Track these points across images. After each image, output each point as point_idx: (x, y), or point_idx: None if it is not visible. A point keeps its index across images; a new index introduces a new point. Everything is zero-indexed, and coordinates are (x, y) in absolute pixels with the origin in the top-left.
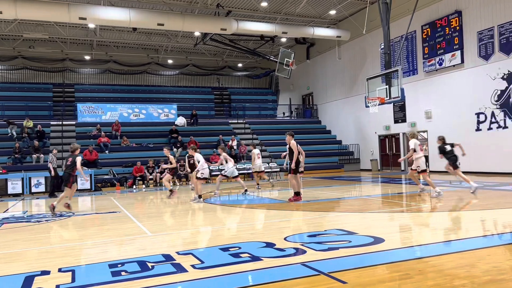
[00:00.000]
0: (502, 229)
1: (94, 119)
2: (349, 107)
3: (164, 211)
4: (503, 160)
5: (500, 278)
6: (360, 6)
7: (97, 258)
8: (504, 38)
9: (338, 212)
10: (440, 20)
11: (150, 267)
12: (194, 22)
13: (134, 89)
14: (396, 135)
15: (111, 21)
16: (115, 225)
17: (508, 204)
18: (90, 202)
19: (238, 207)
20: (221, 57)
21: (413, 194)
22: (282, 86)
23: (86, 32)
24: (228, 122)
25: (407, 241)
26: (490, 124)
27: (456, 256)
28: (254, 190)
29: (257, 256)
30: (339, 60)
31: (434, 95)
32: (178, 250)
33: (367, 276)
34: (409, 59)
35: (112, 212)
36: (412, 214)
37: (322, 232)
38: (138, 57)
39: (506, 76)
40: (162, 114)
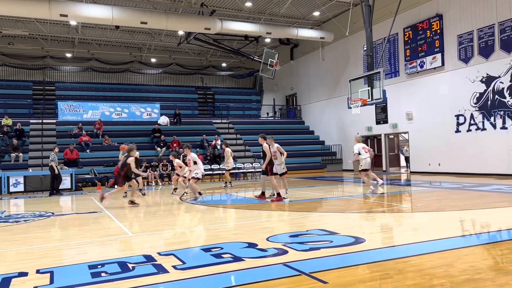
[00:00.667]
0: (480, 229)
1: (75, 118)
2: (332, 108)
3: (145, 211)
4: (481, 161)
5: (477, 277)
6: (344, 8)
7: (76, 259)
8: (483, 42)
9: (320, 212)
10: (422, 23)
11: (131, 268)
12: (178, 21)
13: (117, 88)
14: (378, 136)
15: (93, 19)
16: (95, 226)
17: (485, 204)
18: (70, 202)
19: (221, 207)
20: (205, 57)
21: (394, 195)
22: (266, 86)
23: (67, 29)
24: (211, 122)
25: (387, 241)
26: (469, 126)
27: (435, 256)
28: (238, 190)
29: (239, 257)
30: (323, 61)
31: (415, 97)
32: (159, 250)
33: (347, 276)
34: (391, 61)
35: (92, 212)
36: (392, 214)
37: (304, 232)
38: (121, 55)
39: (485, 79)
40: (145, 113)
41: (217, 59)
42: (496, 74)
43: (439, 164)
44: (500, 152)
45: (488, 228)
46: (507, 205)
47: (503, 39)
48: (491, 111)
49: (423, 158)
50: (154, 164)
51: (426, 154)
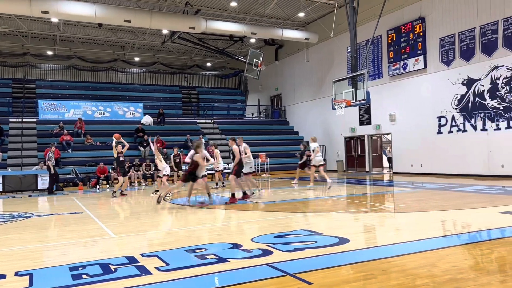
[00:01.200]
0: (461, 229)
1: (56, 117)
2: (317, 108)
3: (128, 212)
4: (462, 162)
5: (459, 277)
6: (328, 9)
7: (57, 261)
8: (464, 45)
9: (304, 212)
10: (405, 25)
11: (113, 269)
12: (162, 20)
13: (99, 87)
14: (361, 137)
15: (75, 16)
16: (77, 226)
17: (466, 205)
18: (51, 203)
19: (205, 208)
20: (189, 56)
21: (377, 195)
22: (251, 86)
23: (48, 27)
24: (196, 122)
25: (371, 241)
26: (450, 128)
27: (418, 256)
28: (222, 190)
29: (224, 258)
30: (307, 62)
31: (398, 98)
32: (142, 252)
33: (332, 277)
34: (374, 63)
35: (74, 212)
36: (376, 215)
37: (289, 233)
38: (104, 53)
39: (466, 81)
40: (128, 113)
41: (202, 58)
42: (477, 76)
43: (421, 165)
44: (480, 153)
45: (469, 228)
46: (487, 205)
47: (484, 42)
48: (472, 113)
49: (405, 159)
50: (136, 164)
51: (408, 155)
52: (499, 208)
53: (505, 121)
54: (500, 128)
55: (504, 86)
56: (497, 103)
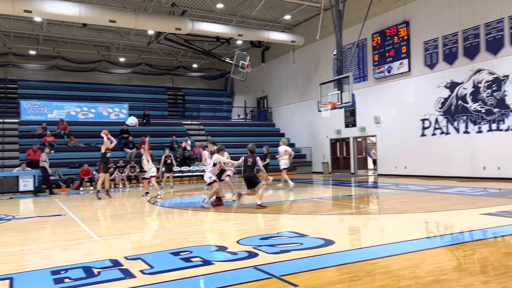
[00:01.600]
0: (444, 230)
1: (39, 118)
2: (303, 110)
3: (112, 214)
4: (445, 164)
5: (443, 278)
6: (314, 12)
7: (38, 265)
8: (447, 49)
9: (290, 214)
10: (389, 29)
11: (96, 273)
12: (148, 21)
13: (83, 87)
14: (346, 139)
15: (59, 16)
16: (59, 229)
17: (449, 206)
18: (33, 205)
19: (190, 210)
20: (175, 57)
21: (362, 197)
22: (237, 88)
23: (32, 26)
24: (181, 123)
25: (356, 243)
26: (434, 130)
27: (403, 258)
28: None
29: (209, 260)
30: (294, 64)
31: (383, 101)
32: (126, 255)
33: (318, 278)
34: (360, 65)
35: (56, 215)
36: (361, 216)
37: (275, 235)
38: (88, 54)
39: (449, 85)
40: (113, 114)
41: (188, 59)
42: (460, 80)
43: (406, 167)
44: (463, 155)
45: (452, 229)
46: (469, 207)
47: (466, 46)
48: (455, 116)
49: (390, 161)
50: (121, 166)
51: (393, 157)
52: (481, 209)
53: (487, 124)
54: (482, 131)
55: (486, 90)
56: (479, 106)
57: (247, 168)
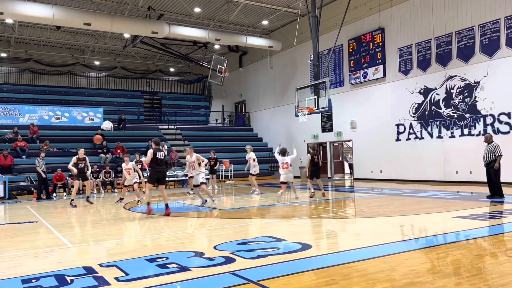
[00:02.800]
0: (418, 233)
1: (10, 122)
2: (280, 115)
3: (87, 221)
4: (419, 168)
5: (417, 280)
6: (291, 18)
7: (8, 273)
8: (421, 56)
9: (267, 219)
10: (365, 35)
11: (69, 281)
12: (124, 24)
13: (57, 91)
14: (323, 143)
15: (32, 18)
16: (30, 236)
17: (423, 210)
18: (3, 211)
19: (166, 216)
20: (152, 61)
21: (338, 201)
22: (215, 92)
23: (2, 28)
24: (158, 128)
25: (333, 247)
26: (408, 135)
27: (378, 261)
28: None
29: (186, 266)
30: (271, 69)
31: (359, 106)
32: (101, 262)
33: (295, 283)
34: (336, 71)
35: (27, 222)
36: (338, 220)
37: (252, 240)
38: (62, 57)
39: (423, 90)
40: (87, 118)
41: (165, 63)
42: (433, 86)
43: (381, 171)
44: (436, 160)
45: (426, 232)
46: (442, 210)
47: (439, 53)
48: (428, 121)
49: (366, 165)
50: (95, 171)
51: (368, 161)
52: (454, 212)
53: (459, 129)
54: (455, 136)
55: (458, 96)
56: (451, 112)
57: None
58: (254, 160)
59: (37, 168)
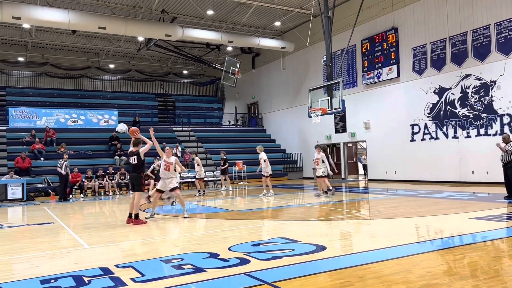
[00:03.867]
0: (434, 235)
1: (27, 125)
2: (293, 116)
3: (102, 222)
4: (435, 169)
5: (434, 282)
6: (304, 19)
7: (27, 274)
8: (435, 55)
9: (282, 220)
10: (378, 35)
11: (87, 281)
12: (138, 27)
13: (72, 94)
14: (337, 144)
15: (48, 22)
16: (48, 238)
17: (439, 211)
18: (21, 213)
19: (181, 217)
20: (165, 63)
21: (352, 202)
22: (227, 94)
23: (20, 33)
24: (172, 130)
25: (347, 249)
26: (423, 135)
27: (394, 262)
28: (200, 199)
29: (201, 267)
30: (284, 70)
31: (373, 106)
32: (117, 263)
33: (310, 285)
34: (349, 71)
35: (45, 223)
36: (352, 222)
37: (266, 241)
38: (78, 60)
39: (437, 90)
40: (102, 120)
41: (178, 66)
42: (448, 85)
43: (395, 172)
44: (452, 160)
45: (441, 234)
46: (459, 211)
47: (454, 52)
48: (444, 121)
49: (380, 166)
50: (110, 172)
51: (383, 162)
52: (470, 214)
53: (475, 129)
54: (471, 136)
55: (474, 95)
56: (467, 112)
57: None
58: (265, 161)
59: (59, 169)
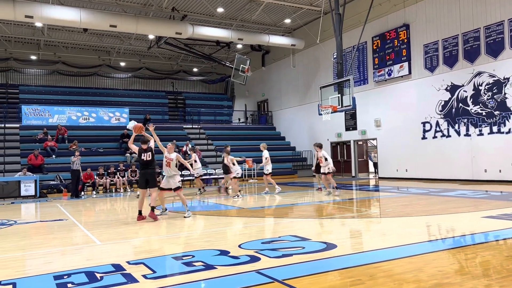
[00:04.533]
0: (446, 234)
1: (40, 122)
2: (303, 114)
3: (114, 219)
4: (446, 167)
5: (446, 282)
6: (314, 16)
7: (41, 270)
8: (447, 52)
9: (292, 218)
10: (389, 32)
11: (99, 278)
12: (148, 25)
13: (84, 92)
14: (347, 142)
15: (60, 21)
16: (61, 234)
17: (450, 209)
18: (34, 209)
19: (192, 215)
20: (175, 61)
21: (363, 200)
22: (237, 92)
23: (32, 31)
24: (182, 127)
25: (358, 247)
26: (435, 133)
27: (405, 261)
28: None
29: (211, 265)
30: (294, 68)
31: (383, 104)
32: (128, 259)
33: (321, 283)
34: (360, 69)
35: (58, 220)
36: (362, 220)
37: (276, 239)
38: (89, 58)
39: (449, 87)
40: (113, 118)
41: (188, 64)
42: (460, 83)
43: (406, 169)
44: (464, 158)
45: (453, 233)
46: (471, 210)
47: (466, 49)
48: (456, 118)
49: (391, 164)
50: (121, 169)
51: (393, 160)
52: (482, 212)
53: (488, 126)
54: (483, 134)
55: (487, 92)
56: (479, 109)
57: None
58: (266, 159)
59: (72, 165)
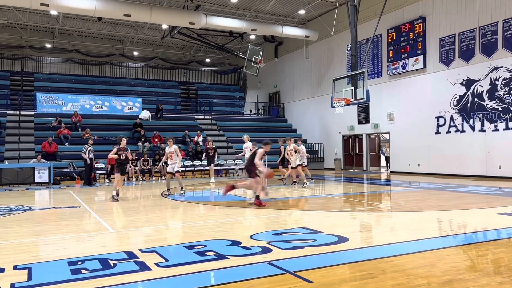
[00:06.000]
0: (458, 230)
1: (54, 110)
2: (315, 106)
3: (127, 207)
4: (460, 162)
5: (459, 278)
6: (329, 7)
7: (55, 255)
8: (464, 46)
9: (303, 210)
10: (405, 25)
11: (112, 265)
12: (162, 14)
13: (97, 81)
14: (359, 135)
15: (75, 9)
16: (74, 221)
17: (463, 205)
18: (48, 196)
19: (203, 204)
20: (188, 51)
21: (374, 194)
22: (249, 83)
23: (47, 19)
24: (194, 118)
25: (370, 241)
26: (449, 128)
27: (417, 256)
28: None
29: (223, 255)
30: (307, 59)
31: (397, 97)
32: (141, 247)
33: (332, 275)
34: (374, 61)
35: (71, 206)
36: (374, 214)
37: (288, 231)
38: (103, 47)
39: (465, 82)
40: (126, 107)
41: (201, 54)
42: (476, 77)
43: (419, 164)
44: (478, 154)
45: (466, 229)
46: (484, 206)
47: (484, 43)
48: (471, 113)
49: (403, 159)
50: (134, 159)
51: (406, 154)
52: (496, 209)
53: (503, 122)
54: (498, 129)
55: (503, 87)
56: (495, 104)
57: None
58: (297, 152)
59: (83, 154)
